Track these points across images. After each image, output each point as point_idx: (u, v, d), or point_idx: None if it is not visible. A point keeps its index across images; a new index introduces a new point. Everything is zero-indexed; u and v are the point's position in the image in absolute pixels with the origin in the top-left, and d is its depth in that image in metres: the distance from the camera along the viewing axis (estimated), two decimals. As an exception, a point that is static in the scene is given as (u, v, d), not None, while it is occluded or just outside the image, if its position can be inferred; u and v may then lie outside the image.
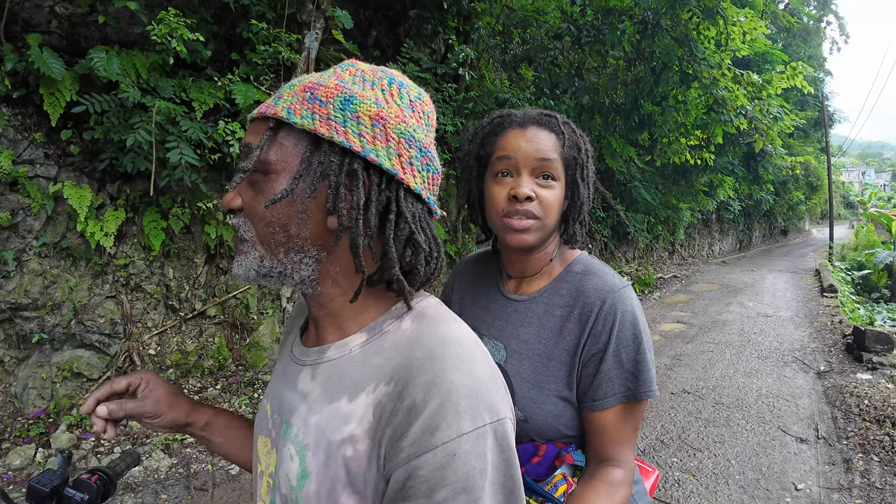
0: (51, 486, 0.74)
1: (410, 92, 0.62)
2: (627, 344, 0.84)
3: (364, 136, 0.56)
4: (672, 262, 12.86)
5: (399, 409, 0.50)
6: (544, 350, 0.89)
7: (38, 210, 3.00)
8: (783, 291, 9.37)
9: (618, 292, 0.87)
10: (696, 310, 7.71)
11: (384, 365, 0.55)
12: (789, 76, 6.35)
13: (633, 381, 0.84)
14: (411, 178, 0.58)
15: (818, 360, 5.00)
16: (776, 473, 2.91)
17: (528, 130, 0.90)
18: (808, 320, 6.79)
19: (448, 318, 0.61)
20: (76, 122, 3.10)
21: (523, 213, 0.87)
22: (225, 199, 0.60)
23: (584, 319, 0.86)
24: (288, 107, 0.57)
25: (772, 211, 19.82)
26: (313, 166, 0.56)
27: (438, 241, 0.62)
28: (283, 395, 0.64)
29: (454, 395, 0.50)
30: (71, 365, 3.25)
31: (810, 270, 12.10)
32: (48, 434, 2.95)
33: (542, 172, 0.88)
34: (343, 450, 0.53)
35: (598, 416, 0.85)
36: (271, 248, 0.58)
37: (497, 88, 6.97)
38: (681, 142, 7.82)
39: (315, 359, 0.62)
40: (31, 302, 3.04)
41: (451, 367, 0.52)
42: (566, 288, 0.91)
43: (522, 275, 0.97)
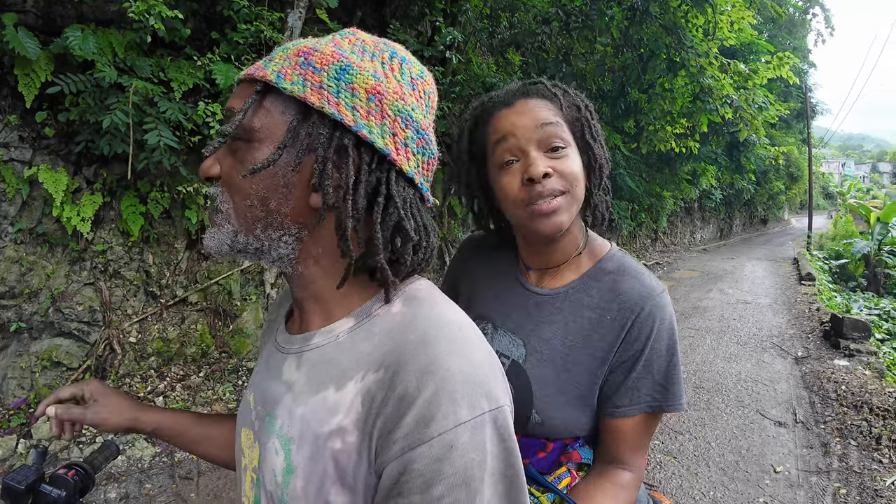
0: (26, 483, 0.73)
1: (412, 69, 0.58)
2: (661, 354, 0.79)
3: (358, 109, 0.52)
4: (654, 250, 13.03)
5: (390, 398, 0.47)
6: (569, 354, 0.82)
7: (12, 195, 2.89)
8: (762, 279, 9.58)
9: (657, 298, 0.80)
10: (678, 296, 7.84)
11: (374, 351, 0.52)
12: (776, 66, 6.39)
13: (661, 393, 0.80)
14: (405, 160, 0.55)
15: (796, 346, 5.13)
16: (755, 456, 3.00)
17: (518, 104, 0.80)
18: (787, 307, 6.96)
19: (441, 299, 0.57)
20: (51, 103, 2.98)
21: (548, 194, 0.76)
22: (203, 166, 0.56)
23: (619, 326, 0.80)
24: (279, 70, 0.53)
25: (752, 200, 20.17)
26: (300, 137, 0.52)
27: (429, 230, 0.58)
28: (267, 386, 0.60)
29: (450, 382, 0.46)
30: (50, 354, 3.17)
31: (789, 259, 12.38)
32: (29, 424, 2.88)
33: (550, 143, 0.77)
34: (331, 442, 0.50)
35: (618, 423, 0.81)
36: (247, 223, 0.54)
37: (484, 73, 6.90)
38: (667, 130, 7.86)
39: (300, 346, 0.58)
40: (8, 290, 2.95)
41: (445, 352, 0.48)
42: (597, 288, 0.83)
43: (545, 266, 0.88)
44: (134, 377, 3.55)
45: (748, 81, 6.27)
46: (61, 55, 2.82)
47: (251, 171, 0.51)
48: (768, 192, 20.59)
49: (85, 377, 3.31)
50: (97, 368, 3.39)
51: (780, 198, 23.49)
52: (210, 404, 3.53)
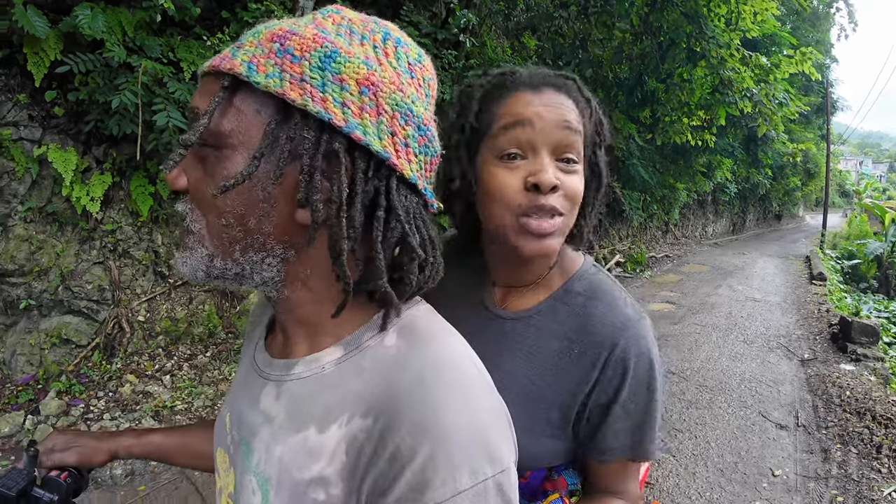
0: (17, 489, 0.70)
1: (409, 52, 0.50)
2: (640, 394, 0.71)
3: (349, 106, 0.44)
4: (665, 242, 12.91)
5: (381, 455, 0.42)
6: (534, 390, 0.73)
7: (22, 174, 2.91)
8: (773, 276, 9.46)
9: (632, 329, 0.70)
10: (686, 290, 7.78)
11: (362, 390, 0.45)
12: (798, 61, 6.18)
13: (639, 436, 0.72)
14: (406, 163, 0.47)
15: (803, 347, 5.08)
16: (754, 458, 2.99)
17: (545, 93, 0.68)
18: (796, 307, 6.88)
19: (441, 331, 0.50)
20: (61, 82, 2.98)
21: (548, 210, 0.66)
22: (167, 178, 0.47)
23: (590, 363, 0.70)
24: (249, 60, 0.44)
25: (767, 195, 19.83)
26: (280, 142, 0.44)
27: (435, 243, 0.51)
28: (243, 412, 0.54)
29: (448, 443, 0.41)
30: (59, 331, 3.22)
31: (801, 257, 12.21)
32: (37, 401, 2.95)
33: (565, 152, 0.67)
34: (312, 492, 0.45)
35: (600, 466, 0.76)
36: (224, 245, 0.46)
37: (499, 56, 6.78)
38: (683, 121, 7.70)
39: (281, 374, 0.52)
40: (18, 268, 2.98)
41: (444, 404, 0.42)
42: (566, 312, 0.74)
43: (512, 284, 0.77)
44: (142, 355, 3.61)
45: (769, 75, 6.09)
46: (70, 34, 2.80)
47: (223, 189, 0.43)
48: (784, 188, 20.22)
49: (94, 355, 3.37)
50: (106, 346, 3.45)
51: (796, 194, 23.06)
52: (216, 384, 3.58)
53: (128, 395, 3.26)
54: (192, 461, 0.81)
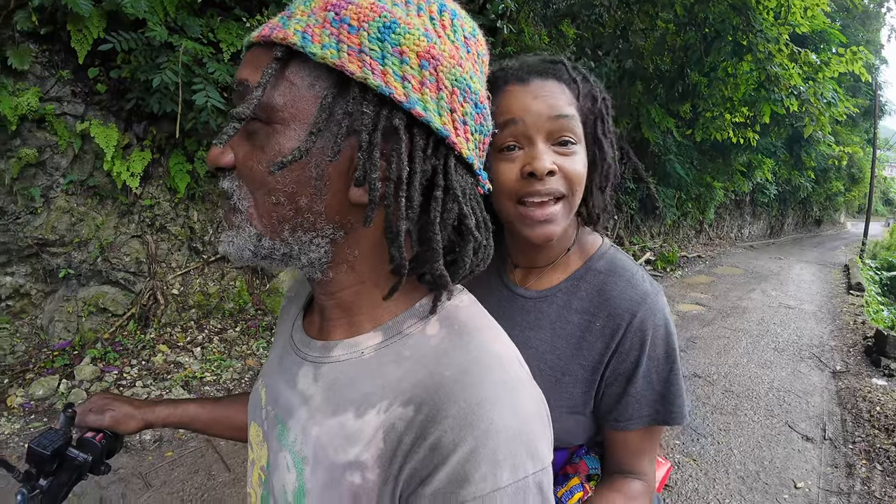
0: (52, 448, 0.72)
1: (465, 25, 0.47)
2: (660, 363, 0.74)
3: (409, 80, 0.42)
4: (698, 242, 12.58)
5: (421, 445, 0.41)
6: (558, 363, 0.77)
7: (65, 148, 3.02)
8: (809, 284, 9.11)
9: (649, 303, 0.73)
10: (717, 293, 7.57)
11: (402, 379, 0.45)
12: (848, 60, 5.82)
13: (662, 405, 0.74)
14: (464, 141, 0.45)
15: (835, 358, 4.89)
16: (777, 469, 2.91)
17: (533, 84, 0.71)
18: (831, 317, 6.62)
19: (484, 324, 0.49)
20: (103, 60, 3.07)
21: (546, 194, 0.70)
22: (210, 155, 0.45)
23: (610, 334, 0.74)
24: (303, 30, 0.42)
25: (809, 199, 19.07)
26: (336, 117, 0.42)
27: (489, 225, 0.49)
28: (280, 389, 0.54)
29: (492, 439, 0.40)
30: (97, 300, 3.36)
31: (839, 265, 11.70)
32: (72, 366, 3.09)
33: (560, 136, 0.70)
34: (349, 475, 0.45)
35: (621, 435, 0.77)
36: (273, 224, 0.45)
37: (536, 44, 6.65)
38: (725, 118, 7.40)
39: (319, 356, 0.51)
40: (59, 238, 3.12)
41: (490, 400, 0.41)
42: (586, 289, 0.77)
43: (531, 265, 0.81)
44: (175, 327, 3.75)
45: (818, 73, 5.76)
46: (113, 13, 2.88)
47: (279, 166, 0.42)
48: (826, 192, 19.39)
49: (129, 324, 3.51)
50: (140, 317, 3.59)
51: (838, 199, 22.12)
52: (244, 358, 3.69)
53: (160, 365, 3.39)
54: (227, 432, 0.84)
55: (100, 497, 2.27)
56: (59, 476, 0.73)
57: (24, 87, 2.82)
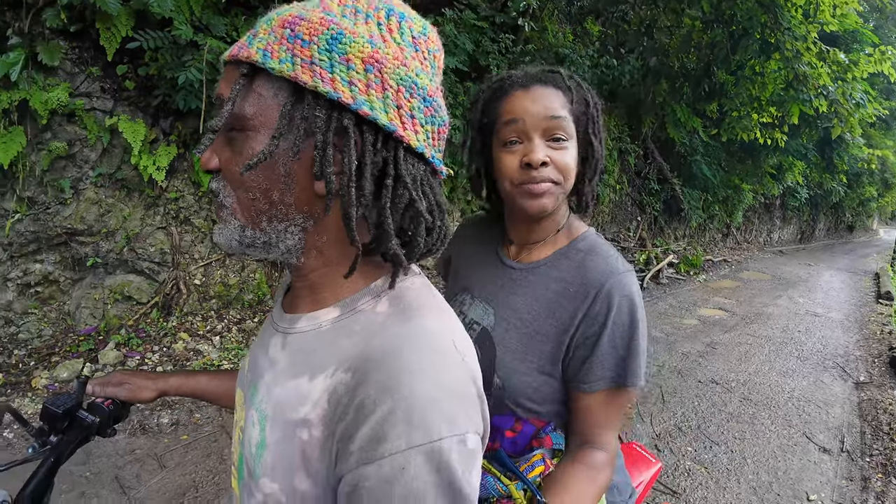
0: (64, 408, 0.80)
1: (413, 26, 0.53)
2: (623, 329, 0.82)
3: (355, 84, 0.47)
4: (724, 246, 12.27)
5: (351, 406, 0.46)
6: (533, 322, 0.87)
7: (94, 142, 3.15)
8: (838, 291, 8.79)
9: (619, 276, 0.84)
10: (742, 298, 7.38)
11: (350, 349, 0.50)
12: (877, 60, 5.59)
13: (623, 368, 0.82)
14: (412, 134, 0.51)
15: (859, 369, 4.72)
16: (791, 480, 2.84)
17: (533, 90, 0.86)
18: (858, 326, 6.38)
19: (429, 304, 0.54)
20: (132, 57, 3.18)
21: (540, 181, 0.83)
22: (201, 160, 0.53)
23: (580, 299, 0.84)
24: (264, 48, 0.48)
25: (840, 204, 18.36)
26: (295, 122, 0.48)
27: (443, 208, 0.55)
28: (258, 356, 0.62)
29: (407, 402, 0.44)
30: (122, 288, 3.50)
31: (870, 273, 11.25)
32: (97, 350, 3.22)
33: (554, 133, 0.84)
34: (299, 431, 0.50)
35: (586, 398, 0.84)
36: (253, 217, 0.52)
37: (558, 42, 6.59)
38: (752, 117, 7.20)
39: (287, 327, 0.58)
40: (87, 228, 3.25)
41: (411, 369, 0.46)
42: (566, 264, 0.89)
43: (525, 242, 0.94)
44: (196, 316, 3.86)
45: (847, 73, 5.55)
46: (141, 12, 2.98)
47: (247, 167, 0.48)
48: (859, 197, 18.61)
49: (152, 312, 3.64)
50: (163, 305, 3.72)
51: (871, 205, 21.23)
52: (259, 350, 3.77)
53: (180, 352, 3.51)
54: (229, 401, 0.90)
55: (115, 476, 2.37)
56: (68, 434, 0.80)
57: (54, 82, 2.95)
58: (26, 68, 2.83)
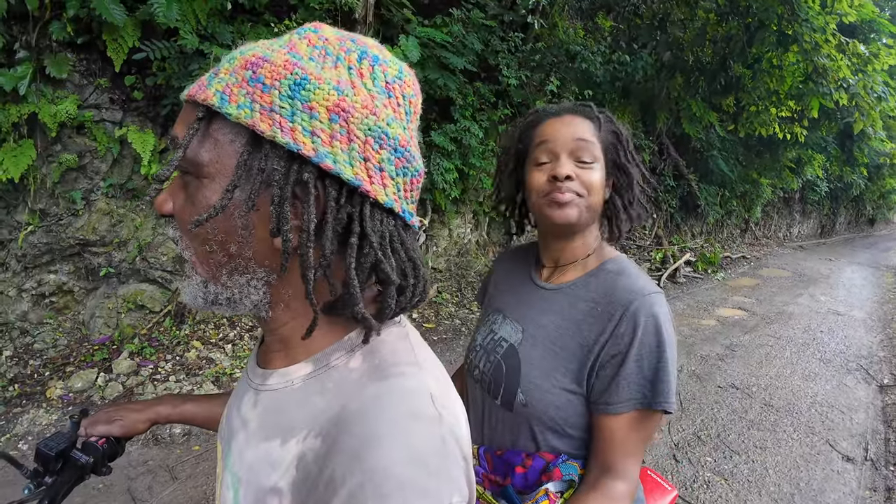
0: (57, 450, 0.80)
1: (388, 70, 0.49)
2: (650, 350, 0.81)
3: (318, 134, 0.44)
4: (743, 242, 12.03)
5: (320, 480, 0.42)
6: (559, 339, 0.89)
7: (104, 153, 3.16)
8: (860, 288, 8.56)
9: (647, 296, 0.84)
10: (762, 297, 7.22)
11: (322, 411, 0.46)
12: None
13: (650, 389, 0.81)
14: (380, 188, 0.47)
15: (884, 371, 4.57)
16: (814, 491, 2.75)
17: (564, 117, 0.93)
18: (882, 324, 6.19)
19: (405, 359, 0.50)
20: (139, 67, 3.19)
21: (565, 190, 0.88)
22: (157, 202, 0.50)
23: (607, 318, 0.85)
24: (223, 90, 0.44)
25: (861, 197, 17.96)
26: (252, 172, 0.44)
27: (417, 264, 0.51)
28: (232, 413, 0.58)
29: (378, 475, 0.40)
30: (135, 297, 3.52)
31: (892, 268, 10.94)
32: (111, 360, 3.25)
33: (580, 155, 0.89)
34: (269, 499, 0.47)
35: (610, 421, 0.82)
36: (213, 270, 0.48)
37: (569, 39, 6.48)
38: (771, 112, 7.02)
39: (259, 383, 0.54)
40: (99, 238, 3.27)
41: (382, 435, 0.42)
42: (595, 284, 0.91)
43: (556, 263, 0.98)
44: (208, 324, 3.88)
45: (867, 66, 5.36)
46: (147, 22, 2.98)
47: (196, 224, 0.45)
48: (880, 190, 18.20)
49: (165, 321, 3.66)
50: (176, 314, 3.74)
51: (892, 197, 20.78)
52: (270, 356, 3.78)
53: (193, 360, 3.52)
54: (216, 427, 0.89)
55: (127, 488, 2.38)
56: (62, 475, 0.81)
57: (62, 95, 2.96)
58: (34, 82, 2.85)
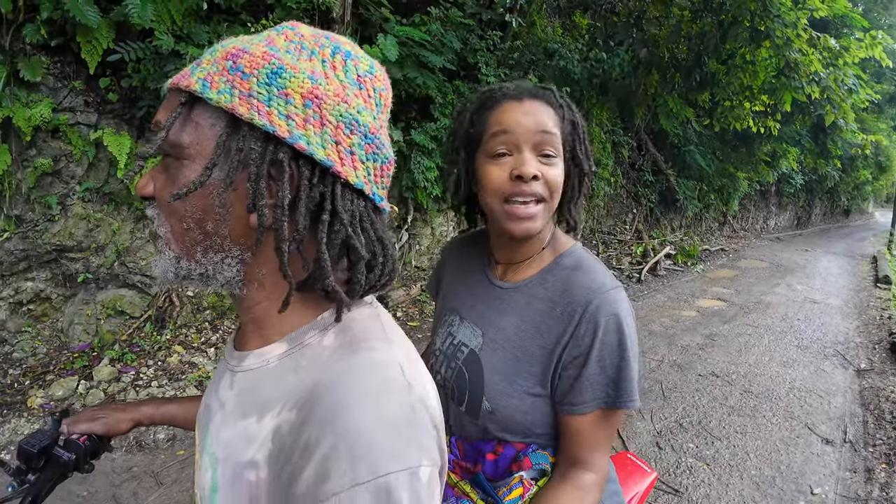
0: (39, 447, 0.80)
1: (359, 65, 0.53)
2: (612, 350, 0.79)
3: (293, 118, 0.48)
4: (721, 234, 12.27)
5: (296, 447, 0.45)
6: (520, 343, 0.86)
7: (79, 156, 3.10)
8: (836, 277, 8.80)
9: (606, 294, 0.81)
10: (740, 287, 7.38)
11: (297, 386, 0.49)
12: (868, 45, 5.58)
13: (613, 389, 0.80)
14: (351, 170, 0.50)
15: (860, 356, 4.71)
16: (794, 474, 2.82)
17: (525, 103, 0.83)
18: (857, 312, 6.38)
19: (375, 336, 0.53)
20: (114, 69, 3.14)
21: (529, 195, 0.81)
22: (137, 185, 0.53)
23: (567, 319, 0.82)
24: (204, 78, 0.48)
25: (836, 188, 18.53)
26: (231, 153, 0.48)
27: (386, 244, 0.55)
28: (210, 397, 0.60)
29: (350, 437, 0.43)
30: (114, 303, 3.46)
31: (868, 256, 11.27)
32: (91, 367, 3.19)
33: (544, 149, 0.82)
34: (247, 473, 0.49)
35: (575, 420, 0.82)
36: (187, 247, 0.51)
37: (547, 37, 6.55)
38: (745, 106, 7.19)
39: (235, 365, 0.57)
40: (76, 244, 3.21)
41: (352, 402, 0.44)
42: (552, 281, 0.87)
43: (510, 261, 0.92)
44: (190, 328, 3.83)
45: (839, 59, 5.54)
46: (122, 23, 2.93)
47: (175, 197, 0.48)
48: (854, 181, 18.82)
49: (146, 326, 3.61)
50: (157, 318, 3.68)
51: (866, 188, 21.48)
52: (256, 359, 3.75)
53: (175, 365, 3.47)
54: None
55: (112, 494, 2.35)
56: (45, 472, 0.81)
57: (37, 98, 2.90)
58: (8, 85, 2.79)
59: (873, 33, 5.65)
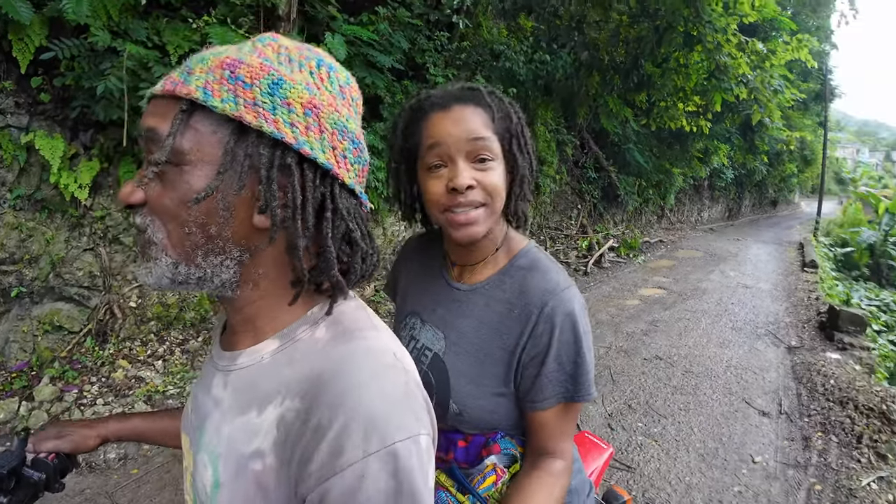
0: (9, 468, 0.77)
1: (339, 76, 0.58)
2: (568, 347, 0.83)
3: (296, 126, 0.51)
4: (660, 227, 12.94)
5: (306, 430, 0.48)
6: (482, 346, 0.88)
7: (10, 161, 2.89)
8: (765, 263, 9.52)
9: (560, 294, 0.84)
10: (678, 276, 7.83)
11: (294, 377, 0.53)
12: (794, 48, 6.12)
13: (572, 384, 0.84)
14: (345, 171, 0.56)
15: (790, 335, 5.14)
16: (736, 445, 3.06)
17: (453, 110, 0.82)
18: (786, 294, 6.94)
19: (365, 325, 0.58)
20: (47, 68, 2.93)
21: (466, 205, 0.81)
22: (122, 193, 0.52)
23: (524, 320, 0.84)
24: (203, 86, 0.50)
25: (764, 181, 19.88)
26: (238, 158, 0.51)
27: (372, 237, 0.61)
28: (200, 398, 0.62)
29: (360, 414, 0.48)
30: (51, 318, 3.24)
31: (795, 244, 12.25)
32: (31, 387, 2.97)
33: (478, 155, 0.81)
34: (252, 464, 0.52)
35: (538, 415, 0.86)
36: (186, 252, 0.52)
37: (493, 38, 6.69)
38: (678, 107, 7.64)
39: (227, 365, 0.59)
40: (8, 256, 2.99)
41: (357, 384, 0.49)
42: (509, 283, 0.89)
43: (465, 262, 0.94)
44: (134, 341, 3.64)
45: (765, 62, 6.04)
46: (56, 19, 2.75)
47: (196, 200, 0.50)
48: (780, 175, 20.30)
49: (86, 341, 3.39)
50: (98, 332, 3.47)
51: (792, 181, 23.21)
52: (209, 369, 3.61)
53: (120, 381, 3.29)
54: (170, 442, 0.90)
55: (63, 521, 2.21)
56: (17, 494, 0.78)
57: (-41, 100, 2.68)
58: (-77, 85, 2.56)
59: (800, 36, 6.17)
